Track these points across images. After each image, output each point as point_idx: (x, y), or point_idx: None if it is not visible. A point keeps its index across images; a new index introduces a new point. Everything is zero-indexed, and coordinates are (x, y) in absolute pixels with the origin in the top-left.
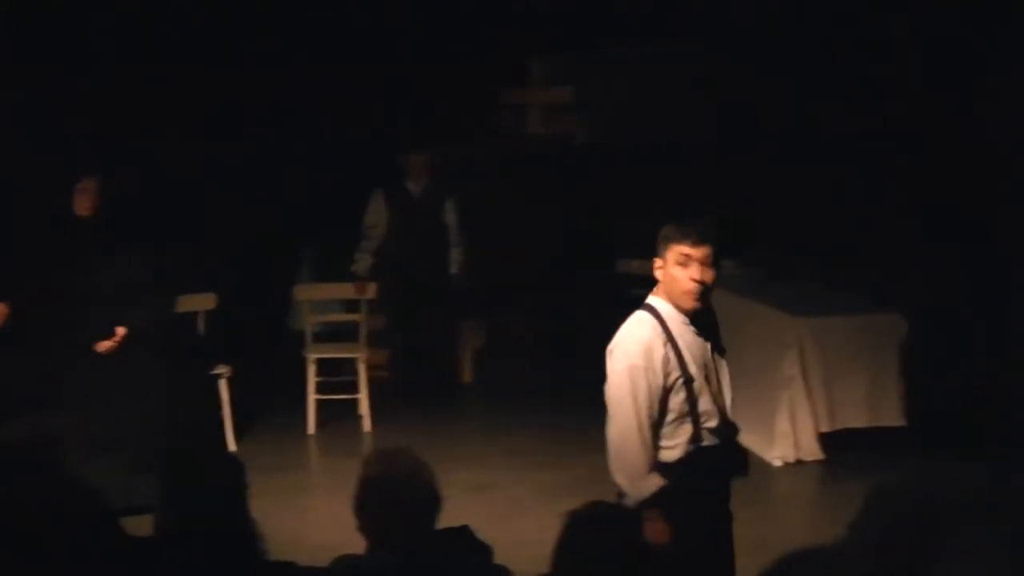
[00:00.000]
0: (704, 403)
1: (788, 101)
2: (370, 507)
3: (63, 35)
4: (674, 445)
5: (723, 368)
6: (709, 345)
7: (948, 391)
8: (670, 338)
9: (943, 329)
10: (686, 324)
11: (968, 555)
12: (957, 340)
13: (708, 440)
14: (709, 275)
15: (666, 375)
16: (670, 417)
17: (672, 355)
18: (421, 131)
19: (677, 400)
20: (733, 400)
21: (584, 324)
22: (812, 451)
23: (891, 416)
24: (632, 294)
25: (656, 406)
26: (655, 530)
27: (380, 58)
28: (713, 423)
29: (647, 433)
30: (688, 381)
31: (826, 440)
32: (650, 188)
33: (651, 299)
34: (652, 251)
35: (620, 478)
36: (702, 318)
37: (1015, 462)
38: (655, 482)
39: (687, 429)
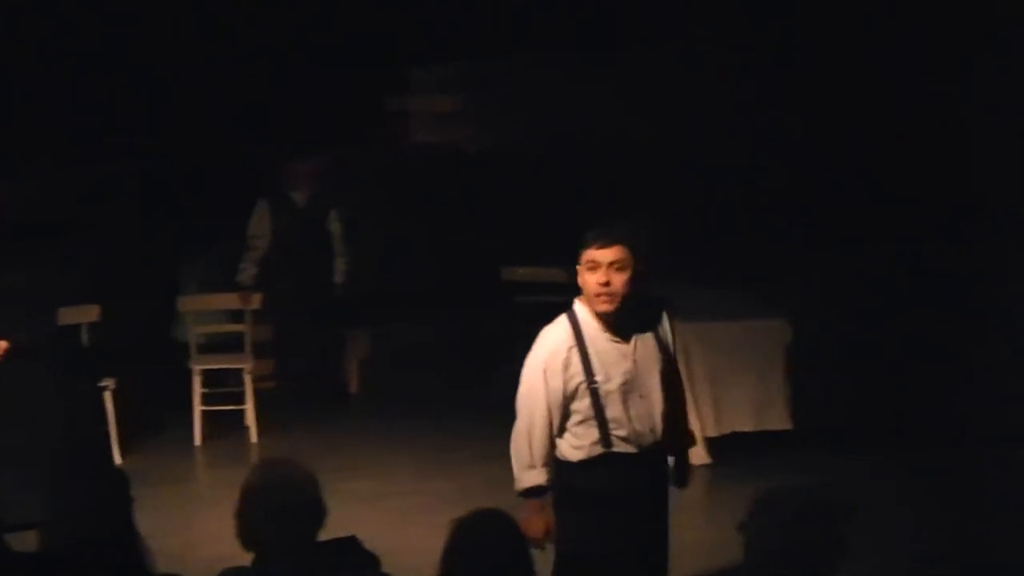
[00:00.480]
0: (614, 410)
1: (683, 108)
2: (253, 519)
3: None
4: (580, 446)
5: (652, 377)
6: (635, 353)
7: (837, 395)
8: (580, 343)
9: (832, 334)
10: (602, 331)
11: (857, 554)
12: (845, 345)
13: (620, 447)
14: (618, 279)
15: (567, 379)
16: (577, 419)
17: (577, 360)
18: (304, 139)
19: (582, 404)
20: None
21: (471, 332)
22: (699, 456)
23: (777, 420)
24: (517, 301)
25: (557, 407)
26: (528, 524)
27: (264, 63)
28: (624, 431)
29: (539, 430)
30: (592, 386)
31: (713, 444)
32: (536, 196)
33: (575, 303)
34: (538, 259)
35: (513, 465)
36: (635, 324)
37: (903, 464)
38: (535, 477)
39: (593, 433)
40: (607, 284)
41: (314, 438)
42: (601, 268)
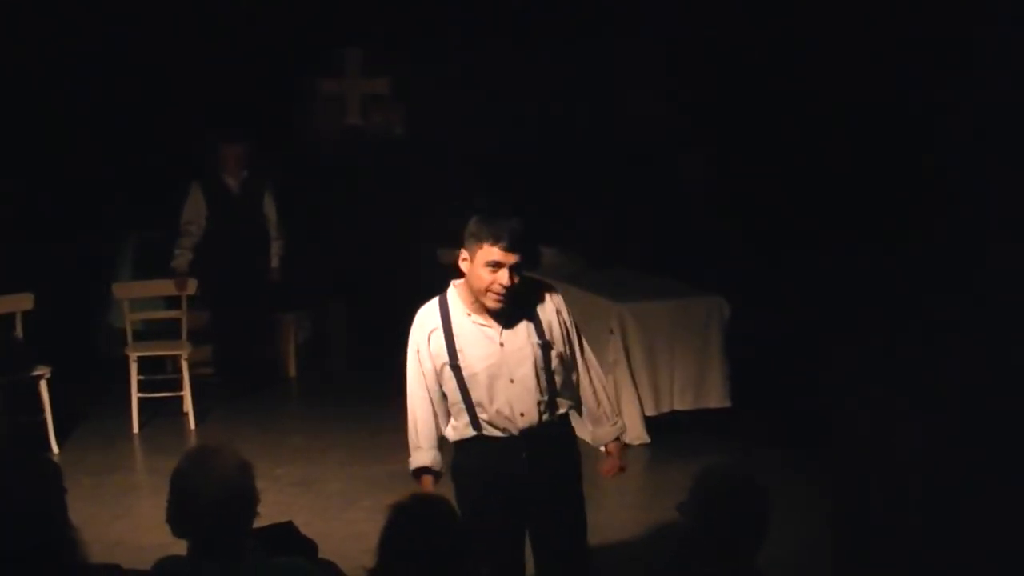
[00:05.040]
0: (479, 394)
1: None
2: (185, 507)
3: None
4: (455, 427)
5: (524, 362)
6: (502, 337)
7: (772, 376)
8: (445, 324)
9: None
10: (470, 314)
11: (790, 532)
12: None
13: (489, 431)
14: (516, 280)
15: (434, 359)
16: (451, 400)
17: (441, 340)
18: (236, 121)
19: (449, 386)
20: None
21: (405, 315)
22: (638, 435)
23: (716, 399)
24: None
25: (434, 388)
26: None
27: (196, 44)
28: (487, 415)
29: (420, 411)
30: (454, 367)
31: (652, 424)
32: (471, 178)
33: (451, 285)
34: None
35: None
36: (507, 308)
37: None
38: (420, 458)
39: (464, 415)
40: (509, 287)
41: (252, 424)
42: (503, 269)
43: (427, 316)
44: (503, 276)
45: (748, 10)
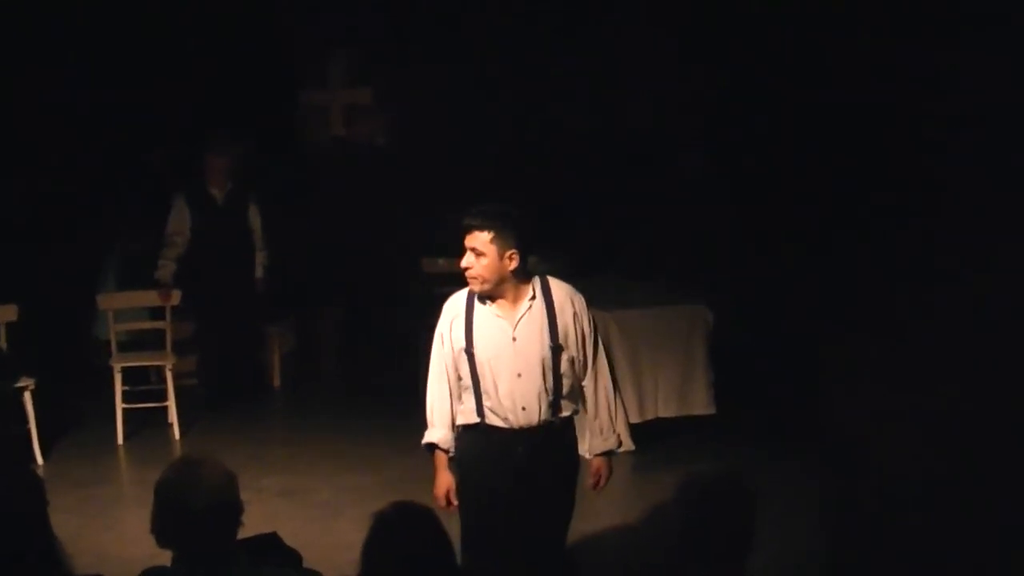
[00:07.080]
0: (487, 383)
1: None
2: (168, 518)
3: None
4: (463, 411)
5: (533, 358)
6: (515, 331)
7: (755, 382)
8: (468, 312)
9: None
10: (489, 306)
11: (779, 536)
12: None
13: (492, 419)
14: (478, 263)
15: (453, 342)
16: (463, 385)
17: (461, 326)
18: (221, 132)
19: (463, 370)
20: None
21: (391, 324)
22: (624, 441)
23: (700, 406)
24: (437, 292)
25: (452, 369)
26: (435, 481)
27: (184, 57)
28: (491, 403)
29: (435, 390)
30: (469, 354)
31: (637, 430)
32: (454, 186)
33: None
34: (456, 250)
35: None
36: (526, 305)
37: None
38: (430, 435)
39: (471, 401)
40: (468, 268)
41: (236, 434)
42: (466, 251)
43: (453, 303)
44: (464, 257)
45: (749, 9)
